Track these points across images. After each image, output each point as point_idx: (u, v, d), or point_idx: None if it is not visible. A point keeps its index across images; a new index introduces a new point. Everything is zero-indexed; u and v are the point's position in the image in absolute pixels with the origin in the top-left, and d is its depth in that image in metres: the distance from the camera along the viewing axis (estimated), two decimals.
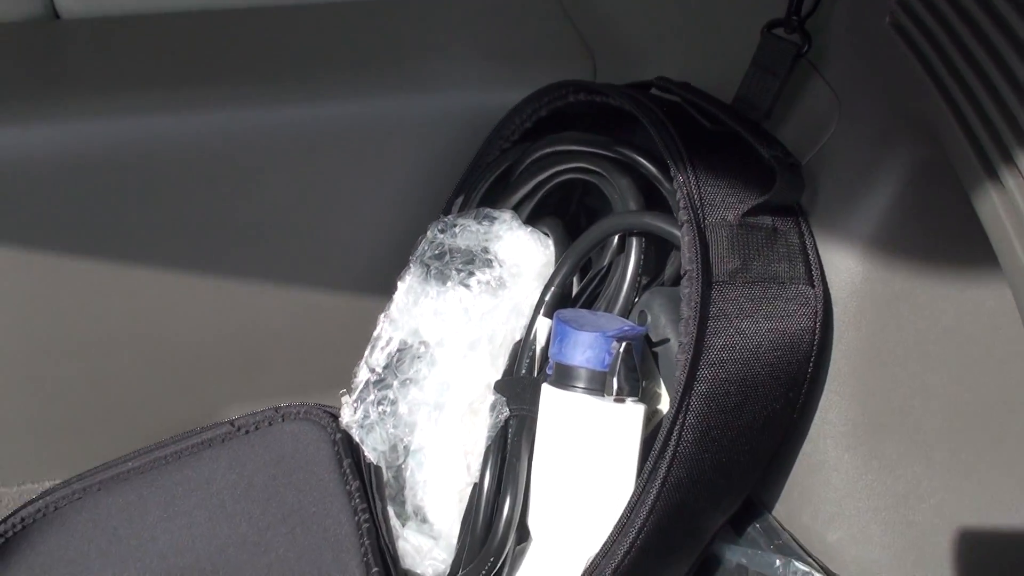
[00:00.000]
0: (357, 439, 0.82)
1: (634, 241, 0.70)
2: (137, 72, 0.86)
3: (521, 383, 0.71)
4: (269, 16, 0.91)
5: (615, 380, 0.64)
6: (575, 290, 0.76)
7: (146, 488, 0.86)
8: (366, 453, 0.81)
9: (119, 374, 0.90)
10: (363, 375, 0.84)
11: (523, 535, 0.71)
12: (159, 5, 0.91)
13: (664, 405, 0.67)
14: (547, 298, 0.73)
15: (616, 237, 0.72)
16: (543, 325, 0.72)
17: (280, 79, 0.85)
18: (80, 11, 0.91)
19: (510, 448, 0.71)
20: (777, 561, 0.69)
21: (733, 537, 0.73)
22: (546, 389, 0.67)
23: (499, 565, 0.69)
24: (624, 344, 0.64)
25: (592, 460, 0.66)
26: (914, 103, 0.61)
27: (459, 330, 0.82)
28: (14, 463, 0.93)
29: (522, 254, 0.80)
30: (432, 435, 0.82)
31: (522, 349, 0.74)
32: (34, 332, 0.87)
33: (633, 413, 0.64)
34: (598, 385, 0.65)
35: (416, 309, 0.83)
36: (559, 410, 0.67)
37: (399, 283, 0.83)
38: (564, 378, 0.66)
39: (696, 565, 0.71)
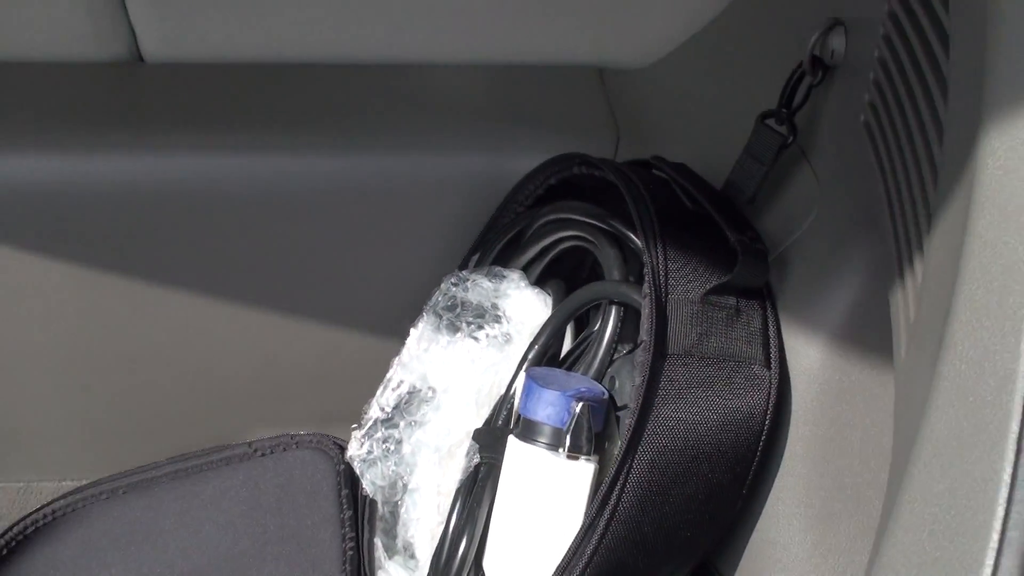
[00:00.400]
0: (357, 472, 0.87)
1: (612, 309, 0.73)
2: (200, 115, 0.94)
3: (494, 433, 0.75)
4: (327, 72, 0.98)
5: (568, 437, 0.67)
6: (566, 350, 0.80)
7: (166, 495, 0.93)
8: (363, 486, 0.86)
9: (156, 391, 0.98)
10: (373, 413, 0.89)
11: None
12: (232, 55, 0.99)
13: None
14: (530, 355, 0.77)
15: (607, 304, 0.76)
16: (523, 381, 0.76)
17: (325, 132, 0.92)
18: (163, 56, 0.99)
19: (474, 493, 0.75)
20: None
21: None
22: (511, 441, 0.71)
23: None
24: (582, 404, 0.68)
25: (544, 511, 0.69)
26: (875, 201, 0.64)
27: (465, 379, 0.86)
28: (57, 461, 1.01)
29: (526, 312, 0.85)
30: (430, 477, 0.87)
31: (502, 402, 0.78)
32: (86, 346, 0.96)
33: (583, 470, 0.68)
34: (557, 441, 0.69)
35: (427, 356, 0.88)
36: (520, 461, 0.71)
37: (412, 330, 0.87)
38: (528, 432, 0.70)
39: None
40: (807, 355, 0.68)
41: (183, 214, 0.91)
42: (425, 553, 0.85)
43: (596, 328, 0.77)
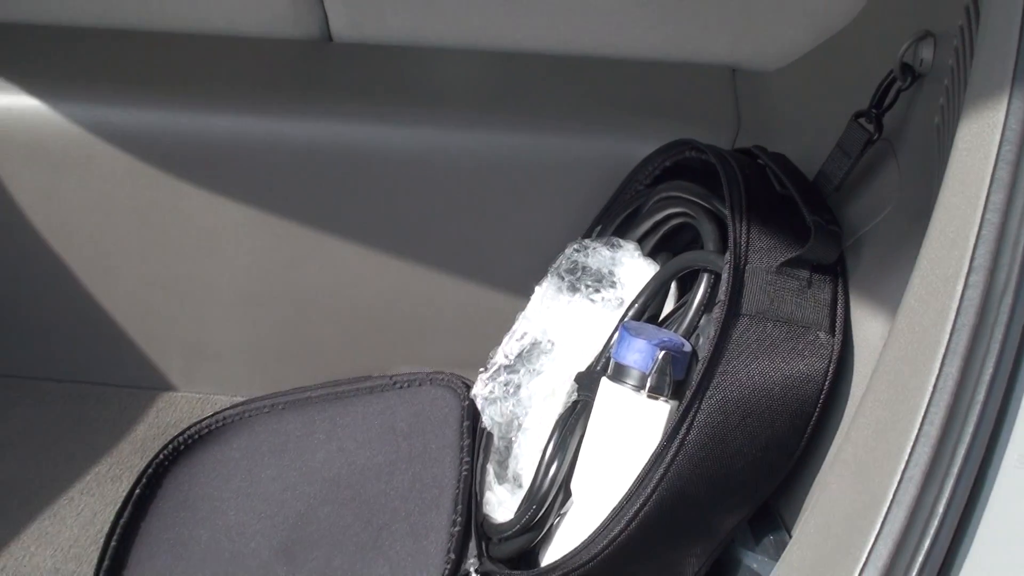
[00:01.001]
0: (479, 408, 0.99)
1: (704, 276, 0.83)
2: (378, 89, 1.08)
3: (592, 376, 0.86)
4: (489, 58, 1.11)
5: (649, 380, 0.78)
6: (666, 311, 0.90)
7: (318, 414, 1.08)
8: (483, 420, 0.99)
9: (317, 325, 1.13)
10: (498, 359, 1.01)
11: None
12: (409, 38, 1.13)
13: None
14: (629, 313, 0.88)
15: (702, 271, 0.86)
16: (619, 332, 0.87)
17: (483, 112, 1.05)
18: (349, 37, 1.15)
19: (568, 425, 0.86)
20: None
21: (752, 544, 0.84)
22: (603, 382, 0.82)
23: (540, 513, 0.84)
24: (664, 353, 0.78)
25: (624, 443, 0.80)
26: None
27: (580, 335, 0.97)
28: (230, 378, 1.18)
29: (638, 279, 0.95)
30: (542, 418, 0.98)
31: (602, 351, 0.89)
32: (262, 283, 1.12)
33: (660, 410, 0.78)
34: (641, 383, 0.79)
35: (548, 312, 1.00)
36: (608, 399, 0.81)
37: (537, 288, 0.99)
38: (618, 374, 0.81)
39: (712, 558, 0.83)
40: (871, 328, 0.76)
41: (354, 174, 1.06)
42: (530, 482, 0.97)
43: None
